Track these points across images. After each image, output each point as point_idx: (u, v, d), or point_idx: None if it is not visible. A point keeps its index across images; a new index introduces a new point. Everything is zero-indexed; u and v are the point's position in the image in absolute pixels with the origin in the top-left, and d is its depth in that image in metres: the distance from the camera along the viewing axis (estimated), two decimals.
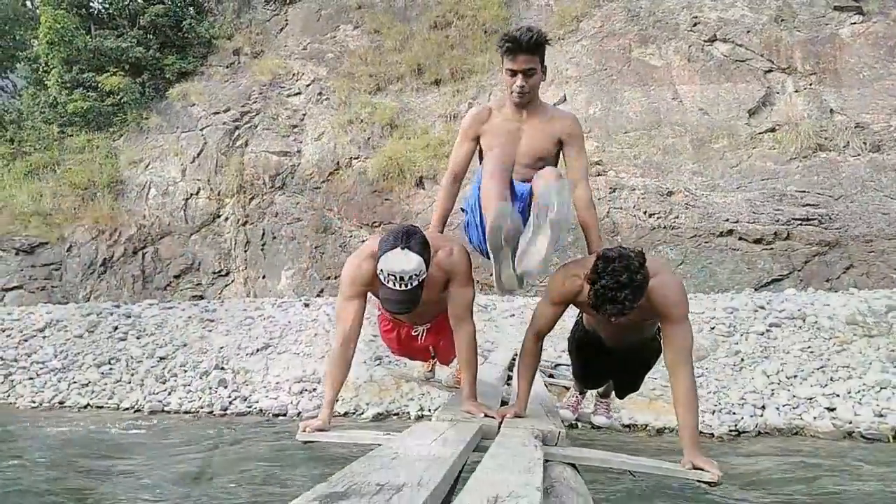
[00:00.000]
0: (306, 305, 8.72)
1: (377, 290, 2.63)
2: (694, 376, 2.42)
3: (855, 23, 10.61)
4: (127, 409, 6.18)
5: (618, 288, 2.19)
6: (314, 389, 6.05)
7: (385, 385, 5.80)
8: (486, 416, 2.60)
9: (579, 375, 3.41)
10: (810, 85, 10.51)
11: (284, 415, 5.76)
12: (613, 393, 3.51)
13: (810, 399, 4.89)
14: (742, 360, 5.59)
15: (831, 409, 4.75)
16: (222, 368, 6.66)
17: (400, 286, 2.42)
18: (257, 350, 6.93)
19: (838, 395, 4.83)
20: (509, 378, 4.33)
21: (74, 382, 6.67)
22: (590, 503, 1.99)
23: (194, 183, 13.35)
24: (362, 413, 5.59)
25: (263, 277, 12.46)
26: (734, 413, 4.89)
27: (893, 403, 4.65)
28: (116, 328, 7.80)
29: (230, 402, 6.09)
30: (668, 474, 2.32)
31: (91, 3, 15.01)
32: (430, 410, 5.37)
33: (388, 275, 2.41)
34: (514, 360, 4.58)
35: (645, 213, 10.00)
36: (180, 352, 7.15)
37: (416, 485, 1.44)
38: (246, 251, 12.82)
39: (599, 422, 3.55)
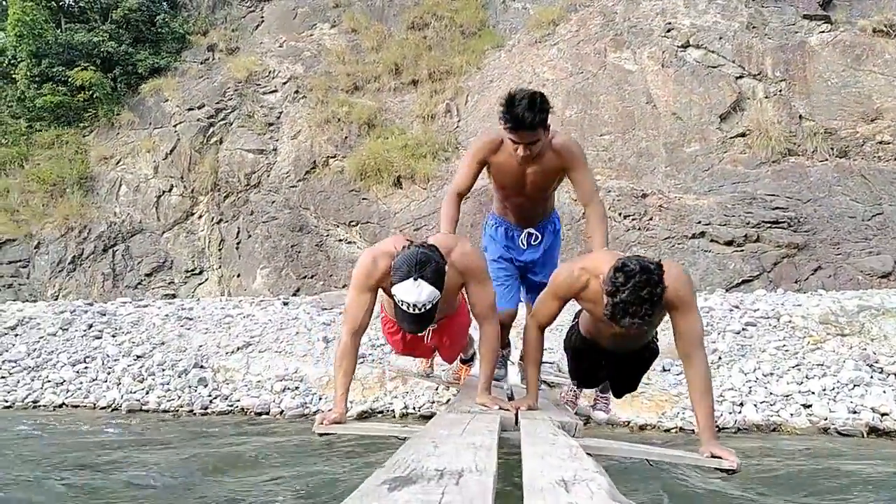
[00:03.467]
0: (285, 304, 8.67)
1: (388, 289, 2.68)
2: (708, 363, 2.47)
3: (823, 31, 10.94)
4: (104, 408, 6.06)
5: (638, 303, 2.20)
6: (296, 388, 6.02)
7: (368, 383, 5.81)
8: (500, 408, 2.69)
9: (576, 377, 3.45)
10: (780, 91, 10.79)
11: (267, 413, 5.72)
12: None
13: (787, 396, 5.05)
14: (720, 357, 5.73)
15: (807, 406, 4.91)
16: (202, 367, 6.59)
17: (414, 311, 2.49)
18: (237, 348, 6.86)
19: (813, 393, 5.00)
20: None
21: (48, 381, 6.52)
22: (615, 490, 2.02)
23: (167, 180, 13.17)
24: (347, 412, 5.58)
25: (238, 276, 12.35)
26: (714, 409, 5.00)
27: (866, 400, 4.83)
28: (91, 326, 7.64)
29: (210, 401, 6.02)
30: (688, 463, 2.41)
31: None
32: (414, 409, 5.40)
33: (402, 301, 2.49)
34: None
35: (620, 214, 10.16)
36: (157, 350, 7.05)
37: (475, 470, 1.46)
38: (220, 249, 12.69)
39: (599, 417, 3.59)
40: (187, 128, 13.40)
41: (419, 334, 3.23)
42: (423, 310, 2.47)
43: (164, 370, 6.57)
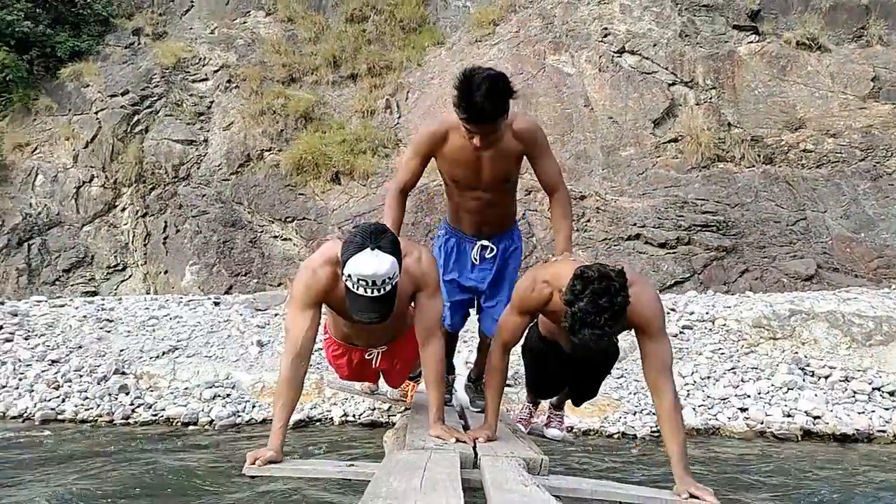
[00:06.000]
0: (216, 304, 8.29)
1: (334, 300, 2.45)
2: (677, 394, 2.35)
3: (751, 42, 11.36)
4: (15, 417, 5.60)
5: (597, 312, 2.07)
6: (227, 395, 5.74)
7: (305, 389, 5.57)
8: (458, 440, 2.47)
9: (533, 385, 3.30)
10: (710, 99, 11.14)
11: (195, 423, 5.42)
12: (568, 402, 3.49)
13: (724, 399, 5.20)
14: None
15: (744, 410, 5.07)
16: (123, 373, 6.18)
17: (373, 292, 2.22)
18: (163, 353, 6.48)
19: (749, 396, 5.17)
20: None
21: None
22: None
23: (87, 170, 12.43)
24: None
25: (165, 273, 11.79)
26: (654, 414, 5.07)
27: (800, 404, 5.03)
28: (1, 328, 7.08)
29: (133, 410, 5.65)
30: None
31: None
32: (355, 416, 5.24)
33: (359, 280, 2.20)
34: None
35: None
36: (75, 354, 6.58)
37: None
38: (146, 245, 12.08)
39: (553, 435, 3.49)
40: (110, 115, 12.67)
41: (367, 357, 3.03)
42: (382, 289, 2.21)
43: (81, 376, 6.13)
